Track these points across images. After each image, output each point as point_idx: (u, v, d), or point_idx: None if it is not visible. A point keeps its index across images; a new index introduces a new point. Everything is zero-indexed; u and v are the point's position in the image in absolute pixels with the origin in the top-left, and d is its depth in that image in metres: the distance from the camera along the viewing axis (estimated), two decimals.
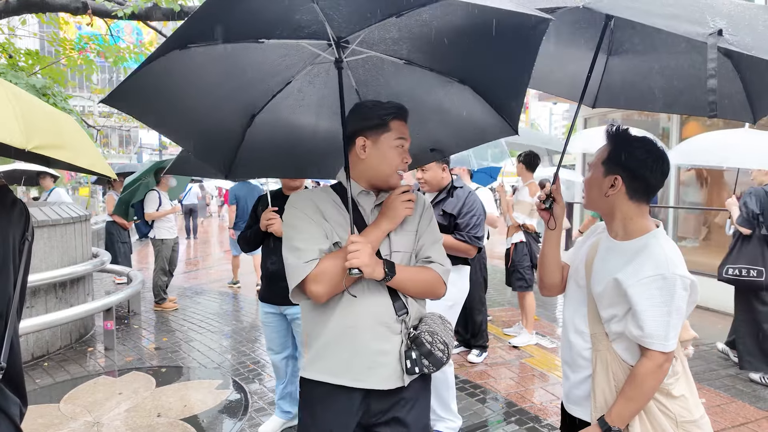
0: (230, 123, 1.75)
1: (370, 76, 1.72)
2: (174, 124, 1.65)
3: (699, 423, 1.47)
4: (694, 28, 1.08)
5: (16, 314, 1.16)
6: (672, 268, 1.38)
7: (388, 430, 1.50)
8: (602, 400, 1.47)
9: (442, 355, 1.47)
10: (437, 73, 1.65)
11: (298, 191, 1.58)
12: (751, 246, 3.86)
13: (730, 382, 3.98)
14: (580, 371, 1.56)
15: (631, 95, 2.03)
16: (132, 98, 1.38)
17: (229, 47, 1.36)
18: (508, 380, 3.96)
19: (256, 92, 1.69)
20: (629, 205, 1.51)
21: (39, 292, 4.51)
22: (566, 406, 1.64)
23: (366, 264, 1.36)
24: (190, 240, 13.62)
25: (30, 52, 6.76)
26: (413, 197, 1.53)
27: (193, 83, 1.49)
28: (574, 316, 1.60)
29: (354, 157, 1.53)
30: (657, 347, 1.38)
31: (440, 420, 3.00)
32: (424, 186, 2.99)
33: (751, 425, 3.27)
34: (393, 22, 1.41)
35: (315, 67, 1.63)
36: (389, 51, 1.57)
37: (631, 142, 1.51)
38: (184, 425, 3.20)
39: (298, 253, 1.43)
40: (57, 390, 3.76)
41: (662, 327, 1.37)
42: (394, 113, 1.50)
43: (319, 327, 1.49)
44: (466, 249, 2.87)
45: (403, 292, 1.51)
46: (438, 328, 1.51)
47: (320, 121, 1.89)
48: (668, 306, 1.37)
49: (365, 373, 1.45)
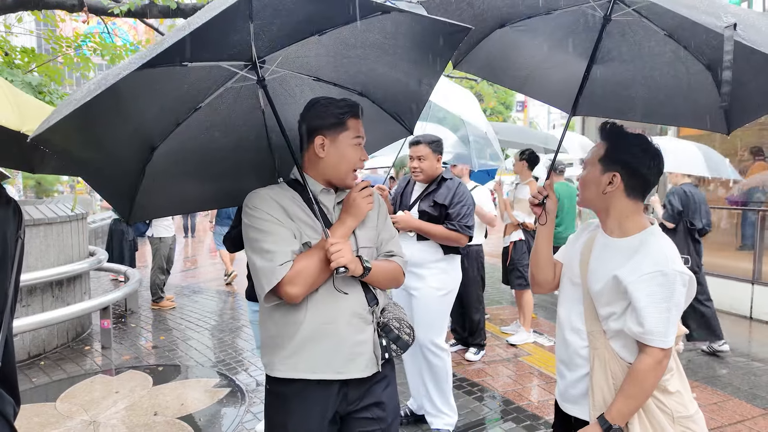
0: (129, 160, 1.56)
1: (277, 94, 1.71)
2: (90, 167, 1.50)
3: (694, 418, 1.47)
4: (712, 20, 1.12)
5: (11, 312, 1.16)
6: (671, 265, 1.39)
7: (367, 413, 1.55)
8: (600, 398, 1.47)
9: (408, 338, 1.58)
10: (340, 88, 1.74)
11: (255, 191, 1.53)
12: (677, 238, 4.47)
13: (727, 380, 3.99)
14: (577, 370, 1.56)
15: (613, 104, 2.06)
16: (57, 140, 1.25)
17: (149, 72, 1.22)
18: (506, 378, 3.96)
19: (159, 122, 1.55)
20: (626, 203, 1.51)
21: (35, 290, 4.50)
22: (562, 405, 1.64)
23: (351, 261, 1.43)
24: (187, 239, 13.59)
25: (26, 50, 6.72)
26: (372, 192, 1.59)
27: (107, 115, 1.32)
28: (570, 315, 1.59)
29: (312, 155, 1.55)
30: (657, 344, 1.38)
31: (437, 416, 3.00)
32: (419, 175, 3.00)
33: (747, 423, 3.28)
34: (314, 40, 1.47)
35: (227, 90, 1.58)
36: (302, 69, 1.63)
37: (628, 139, 1.52)
38: (181, 424, 3.20)
39: (270, 255, 1.42)
40: (53, 389, 3.75)
41: (662, 323, 1.38)
42: (350, 111, 1.54)
43: (291, 327, 1.48)
44: (458, 238, 2.91)
45: (374, 285, 1.59)
46: (401, 315, 1.62)
47: (241, 142, 1.78)
48: (668, 302, 1.38)
49: (346, 365, 1.49)
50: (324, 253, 1.43)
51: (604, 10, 1.63)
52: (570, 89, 1.85)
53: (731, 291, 6.03)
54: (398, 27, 1.44)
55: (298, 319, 1.48)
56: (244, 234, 1.53)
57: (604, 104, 2.06)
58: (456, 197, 2.93)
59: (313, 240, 1.50)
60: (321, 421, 1.50)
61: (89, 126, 1.30)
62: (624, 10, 1.62)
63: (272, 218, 1.47)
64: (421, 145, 2.98)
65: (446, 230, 2.90)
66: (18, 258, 1.16)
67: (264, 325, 1.56)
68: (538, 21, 1.79)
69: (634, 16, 1.65)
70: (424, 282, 2.96)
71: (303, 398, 1.50)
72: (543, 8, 1.73)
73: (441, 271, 2.99)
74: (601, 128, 1.58)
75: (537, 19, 1.78)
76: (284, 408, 1.52)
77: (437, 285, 2.96)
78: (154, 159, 1.59)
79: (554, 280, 1.73)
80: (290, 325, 1.49)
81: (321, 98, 1.57)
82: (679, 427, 1.44)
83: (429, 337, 2.94)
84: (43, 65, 6.48)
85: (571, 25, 1.79)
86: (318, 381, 1.49)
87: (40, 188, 18.06)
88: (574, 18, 1.75)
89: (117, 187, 1.65)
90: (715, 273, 6.40)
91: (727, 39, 1.08)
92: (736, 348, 4.78)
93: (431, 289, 2.95)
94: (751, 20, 1.28)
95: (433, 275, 2.97)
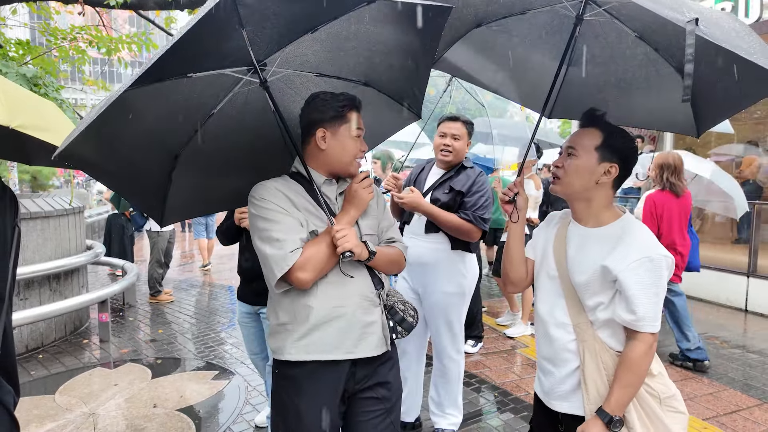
0: (156, 169, 1.69)
1: (284, 93, 1.77)
2: (120, 178, 1.64)
3: (677, 396, 1.51)
4: (675, 15, 1.13)
5: (9, 301, 1.16)
6: (656, 249, 1.41)
7: (372, 393, 1.61)
8: (594, 390, 1.46)
9: (413, 320, 1.66)
10: (344, 80, 1.78)
11: (261, 183, 1.58)
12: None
13: (722, 371, 4.02)
14: (565, 365, 1.53)
15: (587, 107, 2.06)
16: (80, 155, 1.38)
17: (159, 86, 1.34)
18: (504, 370, 3.99)
19: (179, 131, 1.64)
20: (610, 193, 1.53)
21: (33, 284, 4.49)
22: (548, 403, 1.59)
23: (356, 245, 1.50)
24: (185, 233, 13.57)
25: (21, 42, 6.67)
26: (372, 182, 1.64)
27: (127, 129, 1.44)
28: (553, 310, 1.56)
29: (313, 147, 1.61)
30: (648, 329, 1.40)
31: (443, 416, 2.91)
32: (448, 155, 2.69)
33: (742, 413, 3.31)
34: (308, 38, 1.52)
35: (235, 95, 1.65)
36: (303, 66, 1.69)
37: (621, 131, 1.52)
38: (180, 416, 3.21)
39: (280, 243, 1.47)
40: (52, 382, 3.76)
41: (652, 308, 1.40)
42: (350, 105, 1.59)
43: (303, 311, 1.53)
44: (469, 230, 2.57)
45: (378, 269, 1.66)
46: (404, 298, 1.72)
47: (256, 142, 1.84)
48: (656, 287, 1.40)
49: (357, 344, 1.55)
50: (331, 239, 1.49)
51: (577, 10, 1.63)
52: (544, 90, 1.83)
53: (727, 284, 6.07)
54: (386, 15, 1.48)
55: (310, 303, 1.52)
56: (251, 224, 1.57)
57: (578, 107, 2.04)
58: (476, 185, 2.64)
59: (320, 228, 1.55)
60: (333, 399, 1.55)
61: (112, 140, 1.41)
62: (596, 10, 1.63)
63: (279, 208, 1.52)
64: (459, 123, 2.70)
65: (458, 219, 2.57)
66: (15, 246, 1.16)
67: (273, 313, 1.61)
68: (514, 21, 1.79)
69: (606, 17, 1.65)
70: (437, 285, 2.70)
71: (315, 379, 1.55)
72: (518, 8, 1.73)
73: (457, 273, 2.71)
74: (591, 115, 1.54)
75: (512, 19, 1.78)
76: (296, 390, 1.56)
77: (453, 289, 2.70)
78: (179, 166, 1.69)
79: (528, 278, 1.72)
80: (302, 310, 1.53)
81: (321, 92, 1.62)
82: (666, 408, 1.46)
83: (449, 343, 2.78)
84: (38, 57, 6.42)
85: (545, 25, 1.79)
86: (327, 362, 1.54)
87: (36, 183, 17.98)
88: (549, 18, 1.76)
89: (147, 194, 1.78)
90: (712, 266, 6.44)
91: (689, 33, 1.10)
92: (731, 340, 4.82)
93: (445, 295, 2.71)
94: (714, 18, 1.30)
95: (448, 277, 2.69)
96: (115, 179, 1.67)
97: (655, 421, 1.44)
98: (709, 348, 4.55)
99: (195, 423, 3.13)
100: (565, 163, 1.53)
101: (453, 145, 2.69)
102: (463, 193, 2.63)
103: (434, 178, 2.78)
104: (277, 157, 1.83)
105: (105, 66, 7.31)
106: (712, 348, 4.56)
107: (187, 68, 1.39)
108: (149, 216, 1.88)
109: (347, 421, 1.63)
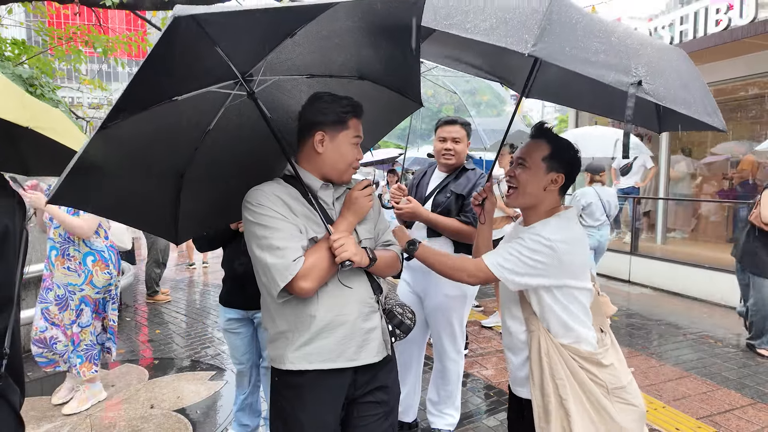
0: (161, 192, 1.69)
1: (277, 98, 1.74)
2: (123, 209, 1.66)
3: (627, 389, 1.59)
4: (620, 77, 1.23)
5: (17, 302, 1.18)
6: (545, 232, 1.54)
7: (371, 397, 1.60)
8: (538, 376, 1.58)
9: (410, 323, 1.68)
10: (337, 78, 1.73)
11: (256, 187, 1.53)
12: None
13: (716, 370, 4.05)
14: (519, 354, 1.67)
15: (564, 93, 2.15)
16: (72, 197, 1.41)
17: (145, 115, 1.33)
18: (500, 370, 4.01)
19: (179, 152, 1.63)
20: (556, 199, 1.67)
21: (29, 285, 4.48)
22: (513, 389, 1.74)
23: (355, 254, 1.47)
24: None
25: (16, 42, 6.65)
26: (373, 190, 1.63)
27: (120, 161, 1.45)
28: (509, 304, 1.70)
29: (310, 149, 1.57)
30: (488, 266, 1.58)
31: (441, 416, 2.92)
32: (451, 159, 2.69)
33: (736, 412, 3.34)
34: (289, 43, 1.48)
35: (228, 109, 1.62)
36: (291, 71, 1.65)
37: (567, 143, 1.66)
38: (177, 416, 3.21)
39: (281, 252, 1.42)
40: (48, 383, 3.75)
41: (504, 259, 1.57)
42: (353, 111, 1.56)
43: (305, 320, 1.49)
44: (470, 233, 2.51)
45: (378, 274, 1.65)
46: (401, 301, 1.73)
47: (259, 149, 1.83)
48: (521, 253, 1.55)
49: (358, 352, 1.54)
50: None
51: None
52: (524, 72, 1.89)
53: (721, 283, 6.11)
54: (359, 8, 1.42)
55: (312, 312, 1.49)
56: (247, 231, 1.51)
57: (556, 92, 2.13)
58: (477, 189, 2.54)
59: (319, 235, 1.52)
60: (335, 407, 1.54)
61: (103, 177, 1.40)
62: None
63: (278, 214, 1.47)
64: (457, 126, 2.69)
65: (457, 223, 2.57)
66: (23, 249, 1.17)
67: (272, 322, 1.56)
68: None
69: None
70: (439, 288, 2.68)
71: (317, 388, 1.52)
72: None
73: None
74: (539, 128, 1.68)
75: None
76: (298, 399, 1.52)
77: (455, 292, 2.68)
78: (185, 184, 1.69)
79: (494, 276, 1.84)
80: (304, 319, 1.49)
81: (325, 94, 1.57)
82: (613, 397, 1.55)
83: (450, 345, 2.80)
84: (34, 57, 6.41)
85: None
86: (330, 370, 1.51)
87: None
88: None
89: (156, 219, 1.78)
90: (706, 265, 6.48)
91: (630, 96, 1.18)
92: (725, 339, 4.86)
93: (447, 297, 2.70)
94: (663, 63, 1.39)
95: (450, 280, 2.76)
96: (117, 212, 1.66)
97: (599, 410, 1.53)
98: (704, 347, 4.58)
99: (192, 423, 3.14)
100: (517, 173, 1.66)
101: (454, 148, 2.69)
102: (463, 197, 2.63)
103: (436, 182, 2.78)
104: (284, 159, 1.80)
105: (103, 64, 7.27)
106: (707, 347, 4.59)
107: (169, 93, 1.35)
108: (163, 237, 1.88)
109: (346, 426, 1.60)
